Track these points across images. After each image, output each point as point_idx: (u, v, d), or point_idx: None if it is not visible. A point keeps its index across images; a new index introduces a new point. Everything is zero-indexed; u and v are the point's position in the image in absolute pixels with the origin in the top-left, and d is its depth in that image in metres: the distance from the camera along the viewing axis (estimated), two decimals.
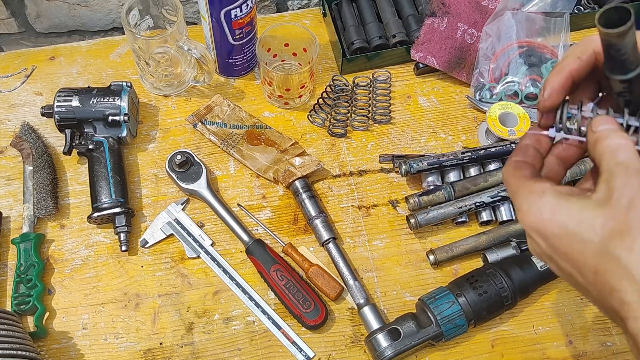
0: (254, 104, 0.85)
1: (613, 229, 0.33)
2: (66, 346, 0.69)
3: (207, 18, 0.76)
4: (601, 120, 0.38)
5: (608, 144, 0.36)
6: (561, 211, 0.36)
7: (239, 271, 0.73)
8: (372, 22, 0.87)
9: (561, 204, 0.36)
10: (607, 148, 0.36)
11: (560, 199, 0.36)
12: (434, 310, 0.64)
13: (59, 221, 0.76)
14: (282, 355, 0.68)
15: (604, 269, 0.33)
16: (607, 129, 0.37)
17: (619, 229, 0.33)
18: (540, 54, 0.84)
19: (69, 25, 0.97)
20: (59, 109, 0.76)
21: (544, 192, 0.37)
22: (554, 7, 0.84)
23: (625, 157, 0.35)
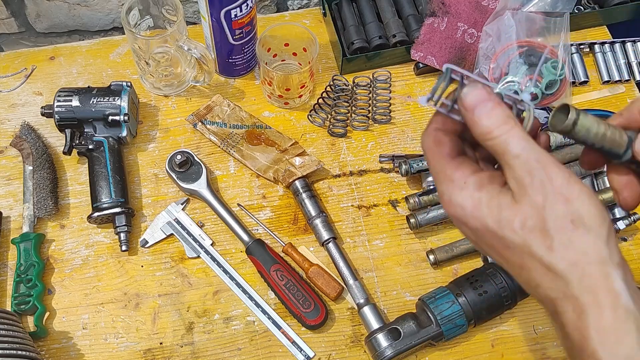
0: (254, 103, 0.85)
1: (531, 228, 0.33)
2: (66, 346, 0.69)
3: (207, 18, 0.76)
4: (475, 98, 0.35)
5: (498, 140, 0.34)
6: (482, 208, 0.35)
7: (239, 271, 0.73)
8: (372, 22, 0.87)
9: (482, 199, 0.35)
10: (500, 143, 0.34)
11: (481, 193, 0.35)
12: (434, 310, 0.64)
13: (59, 221, 0.76)
14: (282, 355, 0.68)
15: (529, 267, 0.34)
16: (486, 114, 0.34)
17: (538, 228, 0.33)
18: (540, 54, 0.83)
19: (69, 25, 0.97)
20: (59, 109, 0.76)
21: (465, 183, 0.35)
22: (554, 7, 0.84)
23: (520, 148, 0.33)
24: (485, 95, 0.35)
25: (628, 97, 0.86)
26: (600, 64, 0.87)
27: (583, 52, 0.88)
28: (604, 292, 0.31)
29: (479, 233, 0.35)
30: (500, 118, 0.34)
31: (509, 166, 0.34)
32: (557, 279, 0.33)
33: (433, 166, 0.37)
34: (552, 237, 0.32)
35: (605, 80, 0.86)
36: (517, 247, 0.34)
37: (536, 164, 0.33)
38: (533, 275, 0.34)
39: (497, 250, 0.35)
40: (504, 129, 0.34)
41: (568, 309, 0.33)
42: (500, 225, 0.34)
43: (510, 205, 0.34)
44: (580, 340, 0.32)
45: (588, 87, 0.87)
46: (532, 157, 0.33)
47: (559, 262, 0.32)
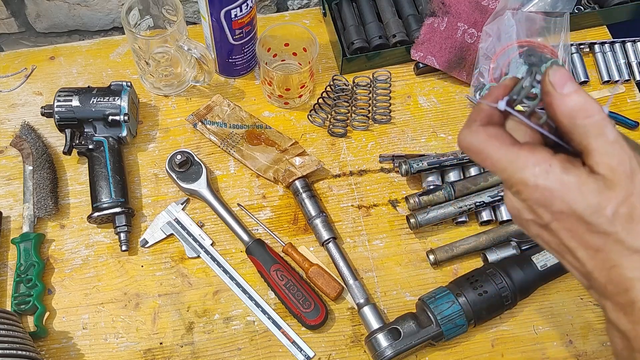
0: (254, 103, 0.85)
1: (624, 215, 0.33)
2: (66, 346, 0.69)
3: (207, 18, 0.76)
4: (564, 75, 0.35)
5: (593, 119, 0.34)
6: (571, 191, 0.34)
7: (239, 271, 0.73)
8: (372, 22, 0.87)
9: (571, 182, 0.34)
10: (595, 124, 0.34)
11: (569, 176, 0.34)
12: (434, 310, 0.64)
13: (59, 221, 0.76)
14: (282, 355, 0.68)
15: (609, 249, 0.34)
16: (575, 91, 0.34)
17: (630, 216, 0.33)
18: (540, 53, 0.83)
19: (69, 25, 0.97)
20: (59, 109, 0.76)
21: (550, 166, 0.35)
22: (554, 6, 0.84)
23: (615, 134, 0.34)
24: (571, 76, 0.35)
25: (628, 97, 0.86)
26: (600, 64, 0.87)
27: (583, 52, 0.88)
28: None
29: (561, 216, 0.35)
30: (589, 97, 0.34)
31: (603, 152, 0.34)
32: None
33: (499, 159, 0.36)
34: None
35: (605, 80, 0.86)
36: (604, 232, 0.34)
37: (630, 152, 0.33)
38: (611, 256, 0.34)
39: (577, 233, 0.35)
40: (595, 110, 0.34)
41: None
42: (591, 211, 0.34)
43: (603, 190, 0.33)
44: None
45: (588, 87, 0.87)
46: (625, 144, 0.33)
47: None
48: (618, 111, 0.84)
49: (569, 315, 0.70)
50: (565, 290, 0.72)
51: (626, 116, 0.83)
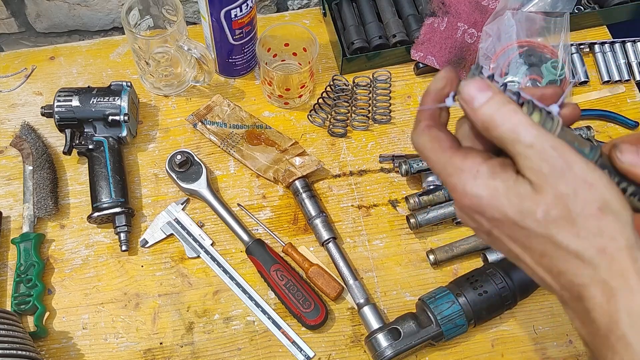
0: (254, 103, 0.85)
1: (556, 217, 0.32)
2: (66, 346, 0.69)
3: (207, 18, 0.76)
4: (473, 89, 0.34)
5: (503, 128, 0.33)
6: (500, 197, 0.34)
7: (239, 271, 0.73)
8: (372, 22, 0.87)
9: (498, 188, 0.34)
10: (507, 132, 0.33)
11: (496, 181, 0.34)
12: (434, 310, 0.64)
13: (59, 221, 0.76)
14: (282, 355, 0.68)
15: (551, 255, 0.33)
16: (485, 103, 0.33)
17: (563, 217, 0.32)
18: (540, 53, 0.83)
19: (69, 25, 0.97)
20: (59, 109, 0.76)
21: (478, 172, 0.34)
22: (554, 6, 0.84)
23: (532, 137, 0.32)
24: (484, 84, 0.34)
25: (628, 97, 0.86)
26: (600, 64, 0.87)
27: (583, 52, 0.88)
28: (634, 275, 0.31)
29: (497, 222, 0.35)
30: (501, 106, 0.33)
31: (523, 156, 0.33)
32: (584, 265, 0.32)
33: (436, 162, 0.36)
34: (580, 225, 0.32)
35: (605, 80, 0.86)
36: (540, 236, 0.33)
37: (553, 152, 0.32)
38: (555, 262, 0.33)
39: (516, 239, 0.35)
40: (508, 117, 0.33)
41: (596, 294, 0.32)
42: (522, 216, 0.33)
43: (530, 195, 0.33)
44: (609, 324, 0.31)
45: (588, 87, 0.87)
46: (546, 144, 0.32)
47: (587, 249, 0.32)
48: (618, 111, 0.84)
49: None
50: None
51: (626, 116, 0.83)
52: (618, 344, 0.31)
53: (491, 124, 0.33)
